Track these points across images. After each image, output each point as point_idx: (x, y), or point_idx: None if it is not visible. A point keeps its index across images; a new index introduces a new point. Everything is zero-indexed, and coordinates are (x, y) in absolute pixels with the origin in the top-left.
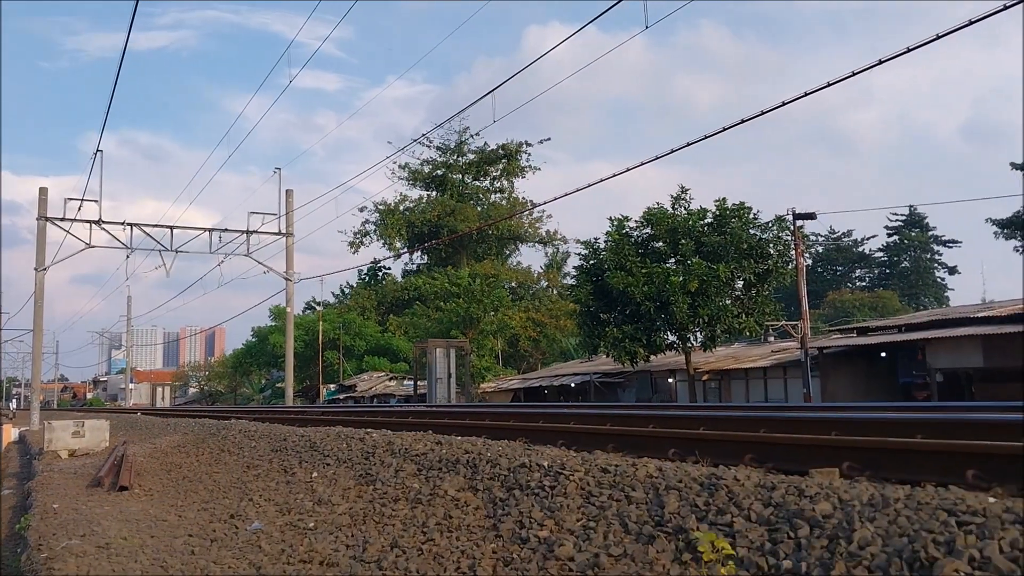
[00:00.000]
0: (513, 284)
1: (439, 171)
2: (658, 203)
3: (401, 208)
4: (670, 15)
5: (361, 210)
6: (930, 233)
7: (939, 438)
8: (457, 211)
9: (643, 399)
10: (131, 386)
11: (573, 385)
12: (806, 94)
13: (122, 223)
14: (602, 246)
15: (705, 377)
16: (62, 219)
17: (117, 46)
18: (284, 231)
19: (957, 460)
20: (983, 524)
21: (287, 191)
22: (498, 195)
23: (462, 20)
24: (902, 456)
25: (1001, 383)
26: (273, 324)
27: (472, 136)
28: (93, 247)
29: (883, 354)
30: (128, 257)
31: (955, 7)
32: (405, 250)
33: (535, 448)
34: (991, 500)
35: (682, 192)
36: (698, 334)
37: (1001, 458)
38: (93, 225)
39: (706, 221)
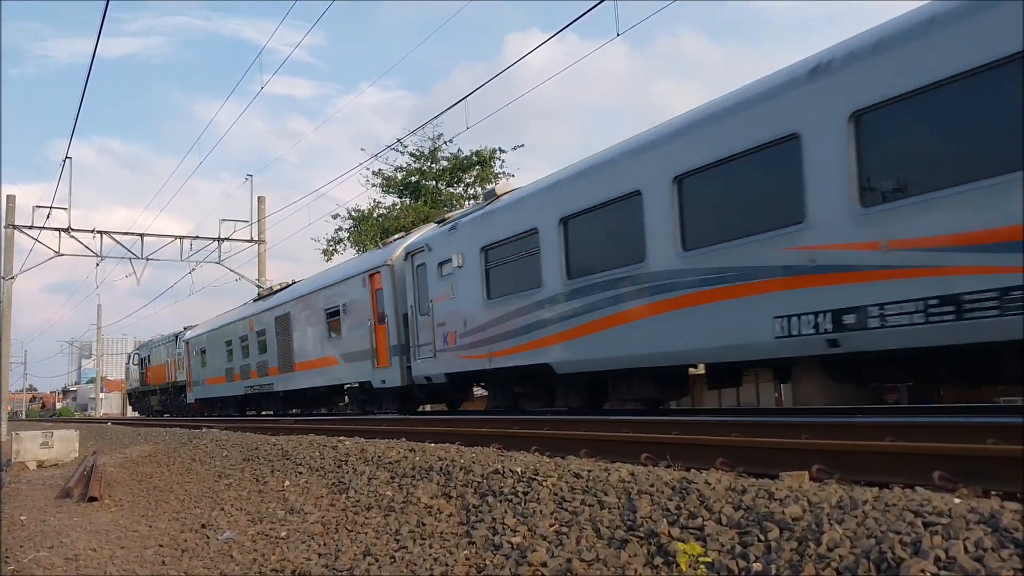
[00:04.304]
0: None
1: (413, 177)
2: None
3: (375, 215)
4: (642, 22)
5: (334, 217)
6: None
7: (907, 440)
8: (431, 217)
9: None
10: (101, 396)
11: None
12: None
13: (92, 231)
14: None
15: None
16: (30, 227)
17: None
18: (256, 238)
19: (924, 462)
20: (949, 524)
21: (259, 198)
22: (472, 202)
23: (442, 27)
24: (871, 458)
25: (970, 386)
26: None
27: (446, 143)
28: (62, 255)
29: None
30: (98, 265)
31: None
32: None
33: (509, 454)
34: (956, 501)
35: None
36: None
37: (966, 459)
38: (62, 233)
39: None
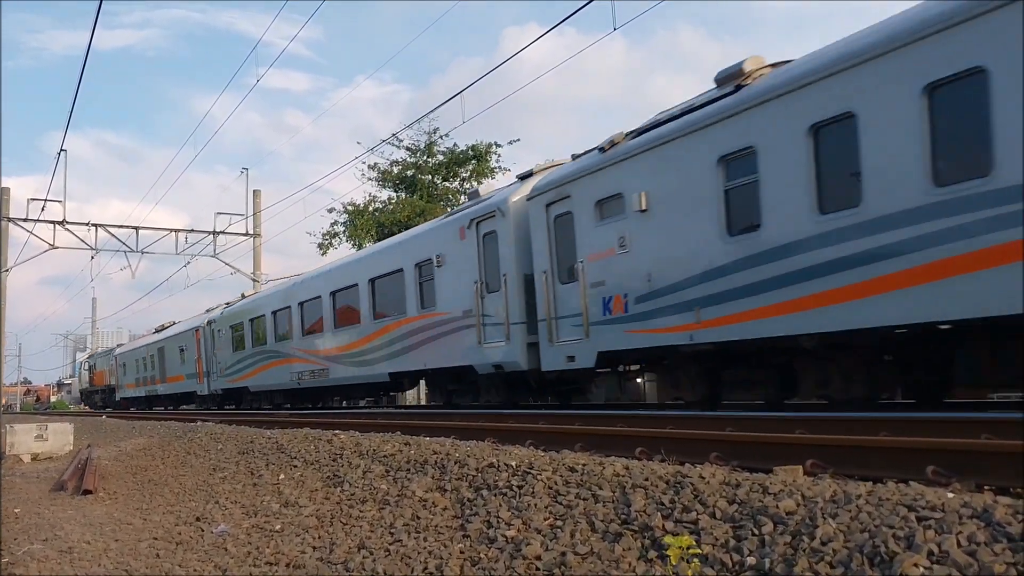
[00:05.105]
0: None
1: (409, 172)
2: None
3: (371, 209)
4: (639, 16)
5: (330, 211)
6: None
7: (901, 435)
8: (427, 212)
9: (611, 399)
10: None
11: None
12: None
13: (87, 224)
14: None
15: None
16: (25, 220)
17: (81, 44)
18: (251, 232)
19: (918, 457)
20: (942, 519)
21: (254, 191)
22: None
23: (439, 22)
24: (865, 453)
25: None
26: None
27: (442, 137)
28: (57, 248)
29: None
30: (93, 258)
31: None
32: None
33: (503, 448)
34: (950, 495)
35: None
36: None
37: (960, 455)
38: (57, 226)
39: None
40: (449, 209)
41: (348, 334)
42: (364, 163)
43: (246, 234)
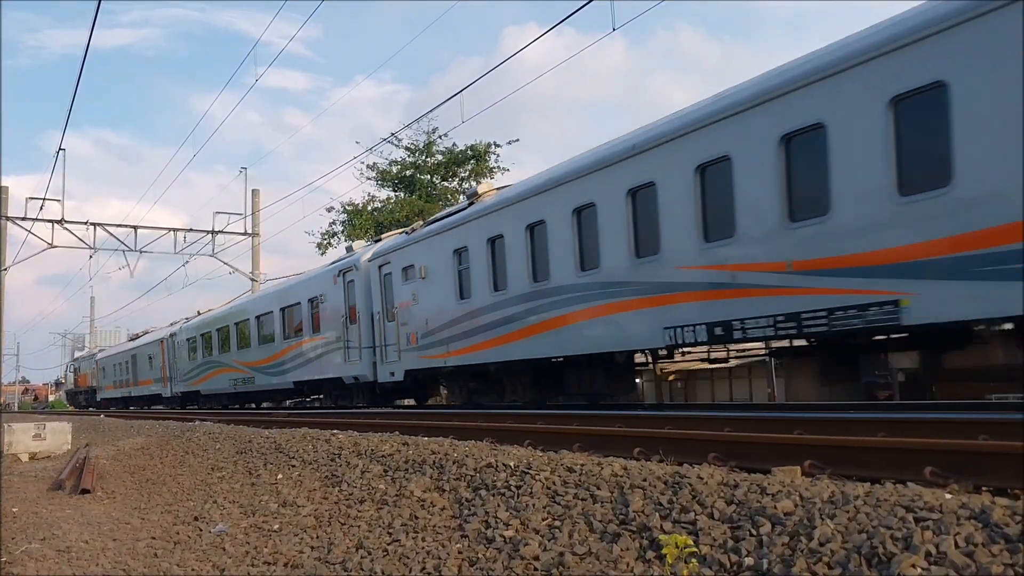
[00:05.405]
0: None
1: (407, 171)
2: None
3: (369, 208)
4: (638, 16)
5: (329, 210)
6: None
7: (899, 436)
8: (426, 212)
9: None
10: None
11: None
12: None
13: (85, 223)
14: None
15: (671, 378)
16: (23, 218)
17: (80, 44)
18: (250, 231)
19: (916, 457)
20: (939, 520)
21: (253, 191)
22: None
23: (439, 22)
24: (863, 454)
25: (962, 382)
26: None
27: (441, 136)
28: (56, 247)
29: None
30: (91, 257)
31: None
32: None
33: (502, 448)
34: (947, 496)
35: None
36: None
37: (958, 455)
38: (56, 225)
39: None
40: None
41: (267, 350)
42: (363, 163)
43: (245, 233)
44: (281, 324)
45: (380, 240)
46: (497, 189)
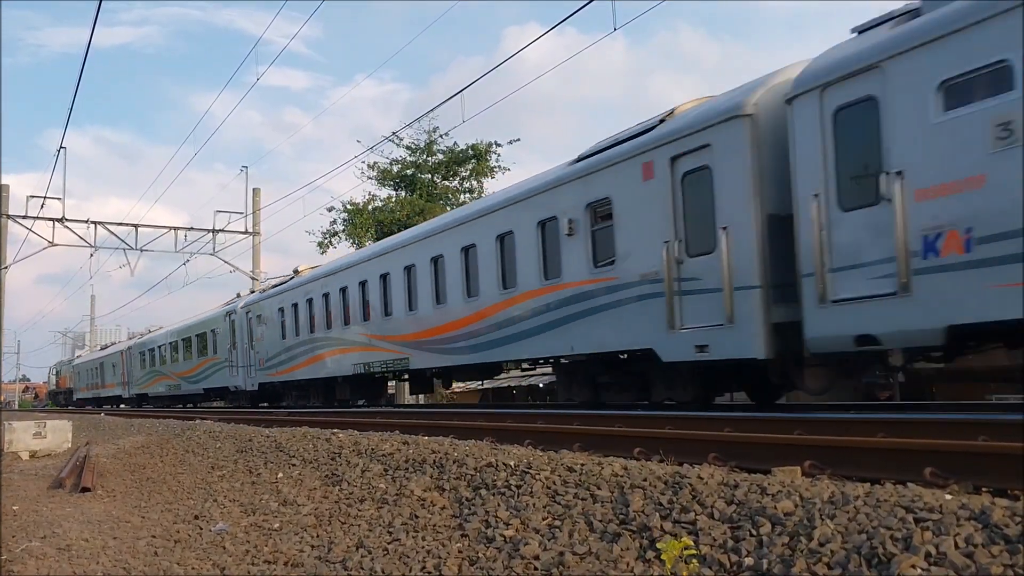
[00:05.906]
0: None
1: (408, 171)
2: None
3: (370, 207)
4: (639, 16)
5: (329, 210)
6: None
7: (899, 437)
8: (427, 211)
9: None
10: None
11: (542, 385)
12: None
13: (86, 221)
14: None
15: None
16: (24, 217)
17: (80, 42)
18: (251, 230)
19: (916, 458)
20: (939, 520)
21: (254, 189)
22: (467, 195)
23: (439, 21)
24: (863, 454)
25: (962, 383)
26: None
27: (442, 136)
28: (56, 245)
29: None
30: (92, 256)
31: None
32: None
33: (502, 447)
34: (947, 497)
35: None
36: None
37: (958, 456)
38: (56, 223)
39: None
40: (448, 209)
41: (188, 364)
42: (364, 162)
43: (245, 232)
44: (197, 347)
45: (262, 291)
46: (311, 268)
